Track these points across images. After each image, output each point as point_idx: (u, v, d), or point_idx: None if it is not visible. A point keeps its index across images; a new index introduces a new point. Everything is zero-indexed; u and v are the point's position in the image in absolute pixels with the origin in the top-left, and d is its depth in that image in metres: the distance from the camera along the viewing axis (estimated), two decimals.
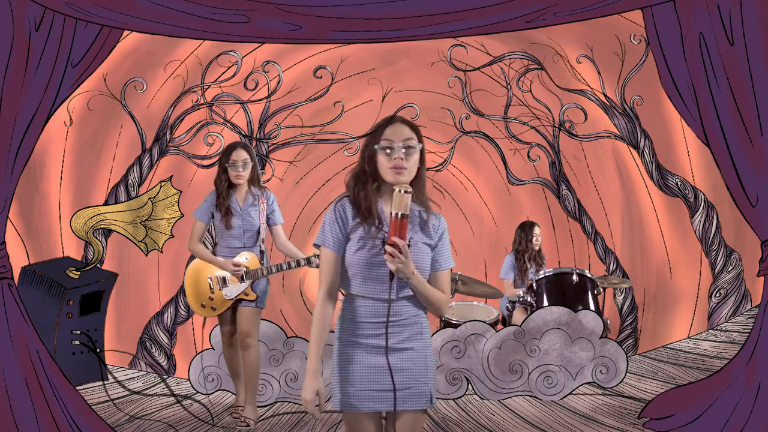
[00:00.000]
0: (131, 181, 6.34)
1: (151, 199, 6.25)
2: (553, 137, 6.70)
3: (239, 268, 4.78)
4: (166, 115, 6.43)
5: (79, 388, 4.83)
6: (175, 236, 6.21)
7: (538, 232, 6.30)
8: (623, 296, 6.67)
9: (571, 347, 5.41)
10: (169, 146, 6.44)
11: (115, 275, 6.20)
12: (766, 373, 4.11)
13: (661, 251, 6.62)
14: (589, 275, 5.90)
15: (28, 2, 4.25)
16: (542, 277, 5.93)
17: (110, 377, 5.79)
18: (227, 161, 4.83)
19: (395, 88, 6.61)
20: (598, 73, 6.57)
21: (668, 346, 6.50)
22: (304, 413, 5.08)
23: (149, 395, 5.57)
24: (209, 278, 4.90)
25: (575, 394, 5.39)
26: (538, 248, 6.30)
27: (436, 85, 6.65)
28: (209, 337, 5.52)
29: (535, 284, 5.94)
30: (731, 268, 6.48)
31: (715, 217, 6.48)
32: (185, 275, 5.00)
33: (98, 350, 5.85)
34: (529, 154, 6.73)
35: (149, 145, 6.41)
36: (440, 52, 6.58)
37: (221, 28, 4.62)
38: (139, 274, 6.39)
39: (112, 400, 5.30)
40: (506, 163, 6.76)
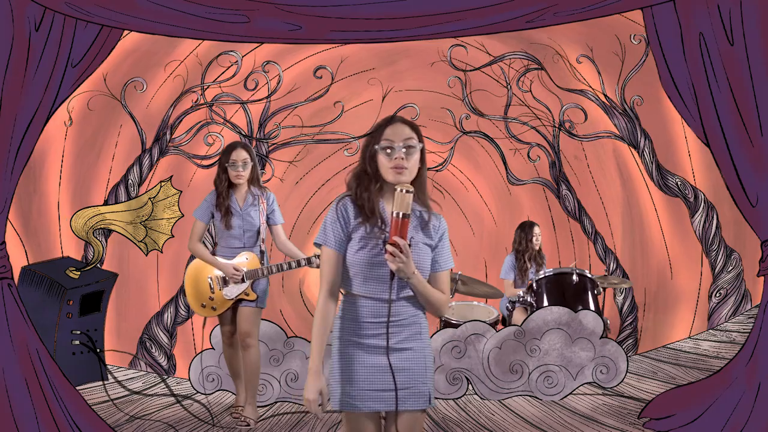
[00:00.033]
0: (131, 181, 6.34)
1: (151, 199, 6.24)
2: (553, 137, 6.70)
3: (238, 273, 4.78)
4: (166, 115, 6.43)
5: (79, 388, 4.83)
6: (175, 236, 6.21)
7: (538, 231, 6.31)
8: (623, 296, 6.67)
9: (571, 347, 5.41)
10: (169, 146, 6.44)
11: (115, 275, 6.19)
12: (766, 373, 4.11)
13: (661, 251, 6.62)
14: (589, 275, 5.90)
15: (28, 2, 4.25)
16: (542, 277, 5.93)
17: (110, 377, 5.79)
18: (227, 161, 4.82)
19: (395, 88, 6.61)
20: (598, 73, 6.57)
21: (668, 346, 6.50)
22: (304, 413, 5.08)
23: (149, 395, 5.57)
24: (209, 278, 4.90)
25: (575, 394, 5.39)
26: (538, 248, 6.30)
27: (436, 85, 6.65)
28: (209, 337, 5.52)
29: (535, 284, 5.94)
30: (731, 268, 6.47)
31: (715, 217, 6.48)
32: (185, 275, 4.99)
33: (98, 350, 5.85)
34: (529, 154, 6.73)
35: (149, 145, 6.40)
36: (440, 52, 6.58)
37: (221, 28, 4.61)
38: (139, 274, 6.38)
39: (112, 400, 5.30)
40: (506, 163, 6.76)
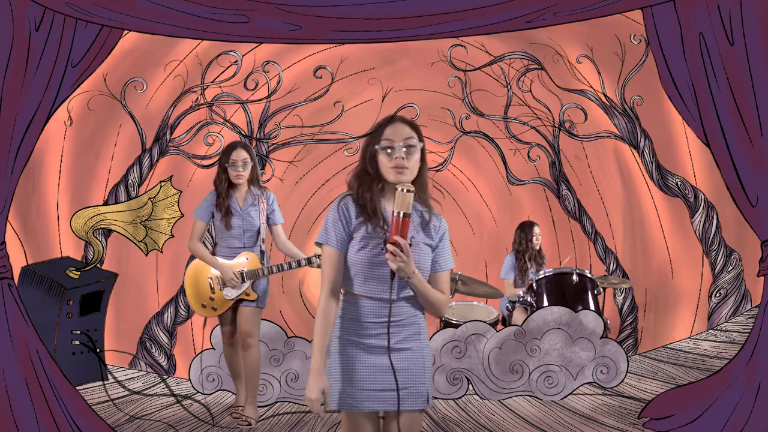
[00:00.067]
0: (131, 181, 6.33)
1: (151, 199, 6.24)
2: (553, 137, 6.70)
3: (237, 279, 4.79)
4: (165, 114, 6.43)
5: (79, 388, 4.83)
6: (175, 236, 6.21)
7: (538, 231, 6.30)
8: (623, 296, 6.67)
9: (571, 347, 5.41)
10: (168, 146, 6.44)
11: (115, 275, 6.19)
12: (766, 373, 4.11)
13: (662, 251, 6.62)
14: (589, 275, 5.90)
15: (28, 2, 4.25)
16: (542, 277, 5.93)
17: (110, 377, 5.78)
18: (227, 161, 4.82)
19: (395, 87, 6.61)
20: (598, 73, 6.57)
21: (668, 346, 6.50)
22: (304, 413, 5.08)
23: (149, 395, 5.57)
24: (209, 278, 4.89)
25: (575, 394, 5.39)
26: (538, 248, 6.30)
27: (436, 84, 6.65)
28: (209, 337, 5.52)
29: (535, 284, 5.94)
30: (731, 268, 6.47)
31: (715, 217, 6.48)
32: (185, 275, 4.99)
33: (98, 350, 5.85)
34: (529, 154, 6.73)
35: (149, 145, 6.40)
36: (440, 52, 6.58)
37: (221, 28, 4.61)
38: (138, 274, 6.38)
39: (112, 400, 5.30)
40: (506, 163, 6.76)
